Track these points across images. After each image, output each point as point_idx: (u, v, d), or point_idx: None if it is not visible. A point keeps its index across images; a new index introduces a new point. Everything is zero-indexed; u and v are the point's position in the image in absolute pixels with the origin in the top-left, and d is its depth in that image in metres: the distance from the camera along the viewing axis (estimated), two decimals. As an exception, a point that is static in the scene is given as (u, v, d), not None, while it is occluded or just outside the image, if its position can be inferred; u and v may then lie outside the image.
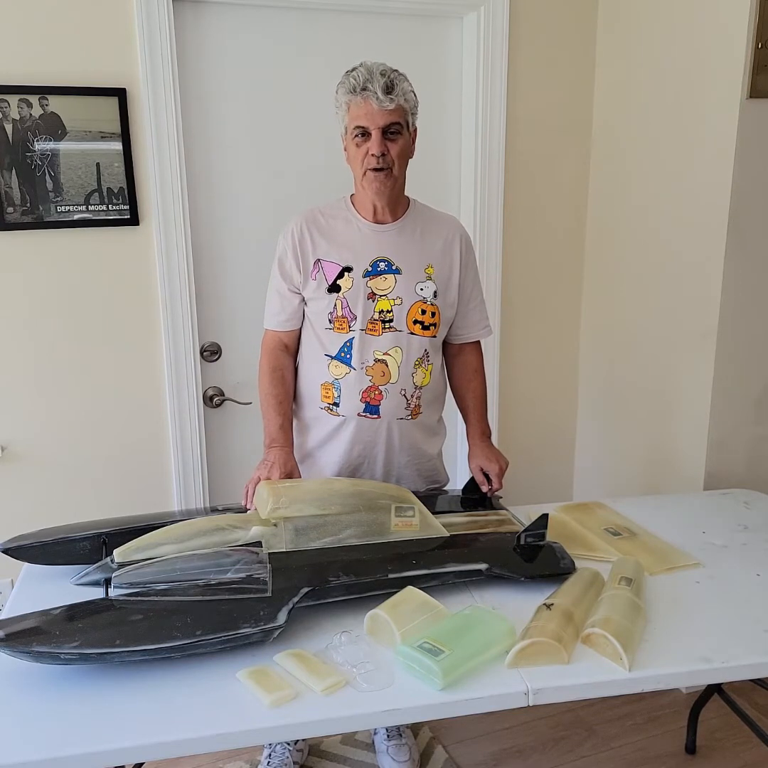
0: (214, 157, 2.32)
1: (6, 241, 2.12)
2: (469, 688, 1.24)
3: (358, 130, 1.65)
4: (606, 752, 2.15)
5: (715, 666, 1.31)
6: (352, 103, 1.65)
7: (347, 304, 1.75)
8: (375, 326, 1.76)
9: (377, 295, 1.75)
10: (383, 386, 1.77)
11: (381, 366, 1.76)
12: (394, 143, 1.66)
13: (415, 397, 1.81)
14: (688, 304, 2.30)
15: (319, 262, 1.77)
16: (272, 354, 1.85)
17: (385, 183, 1.69)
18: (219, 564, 1.44)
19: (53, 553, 1.57)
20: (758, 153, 2.09)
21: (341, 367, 1.78)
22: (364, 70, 1.64)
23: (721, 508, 1.97)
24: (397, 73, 1.66)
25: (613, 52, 2.51)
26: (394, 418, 1.80)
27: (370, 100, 1.62)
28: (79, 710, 1.19)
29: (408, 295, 1.77)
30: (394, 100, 1.62)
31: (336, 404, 1.80)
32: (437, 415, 1.92)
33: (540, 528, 1.61)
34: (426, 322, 1.78)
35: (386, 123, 1.63)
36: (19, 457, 2.26)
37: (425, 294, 1.78)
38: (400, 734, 2.08)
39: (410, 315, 1.77)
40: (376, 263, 1.76)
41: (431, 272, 1.79)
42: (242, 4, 2.24)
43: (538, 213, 2.65)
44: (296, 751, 2.05)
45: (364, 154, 1.67)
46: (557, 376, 2.84)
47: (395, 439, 1.82)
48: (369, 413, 1.79)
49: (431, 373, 1.83)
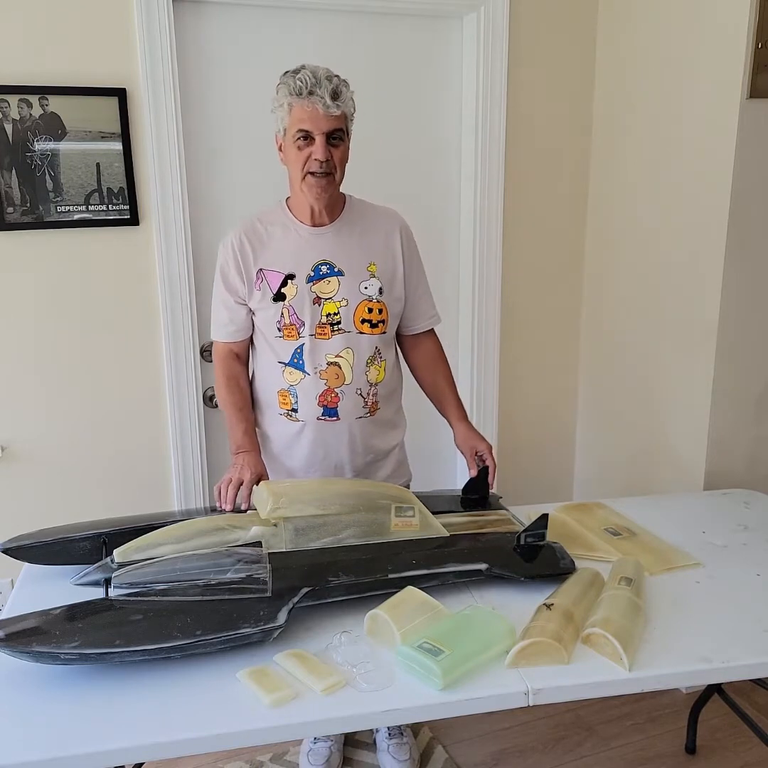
0: (214, 157, 2.32)
1: (6, 241, 2.12)
2: (469, 688, 1.25)
3: (300, 133, 1.62)
4: (606, 752, 2.15)
5: (715, 666, 1.31)
6: (295, 106, 1.62)
7: (294, 312, 1.75)
8: (324, 330, 1.75)
9: (322, 298, 1.75)
10: (338, 388, 1.77)
11: (334, 369, 1.76)
12: (337, 149, 1.65)
13: (371, 395, 1.81)
14: (688, 305, 2.30)
15: (262, 272, 1.76)
16: (224, 363, 1.85)
17: (326, 189, 1.68)
18: (219, 564, 1.44)
19: (53, 553, 1.57)
20: (758, 153, 2.09)
21: (295, 373, 1.78)
22: (310, 73, 1.60)
23: (721, 508, 1.98)
24: (340, 78, 1.64)
25: (613, 52, 2.52)
26: (353, 417, 1.80)
27: (317, 105, 1.59)
28: (79, 710, 1.19)
29: (353, 296, 1.76)
30: (341, 106, 1.61)
31: (294, 410, 1.80)
32: (394, 407, 1.92)
33: (540, 528, 1.61)
34: (374, 320, 1.78)
35: (330, 128, 1.62)
36: (19, 457, 2.27)
37: (370, 292, 1.78)
38: (401, 733, 2.09)
39: (357, 315, 1.77)
40: (318, 267, 1.75)
41: (374, 270, 1.78)
42: (242, 4, 2.24)
43: (538, 213, 2.65)
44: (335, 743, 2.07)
45: (305, 157, 1.64)
46: (557, 375, 2.84)
47: (357, 439, 1.82)
48: (328, 416, 1.78)
49: (385, 369, 1.83)
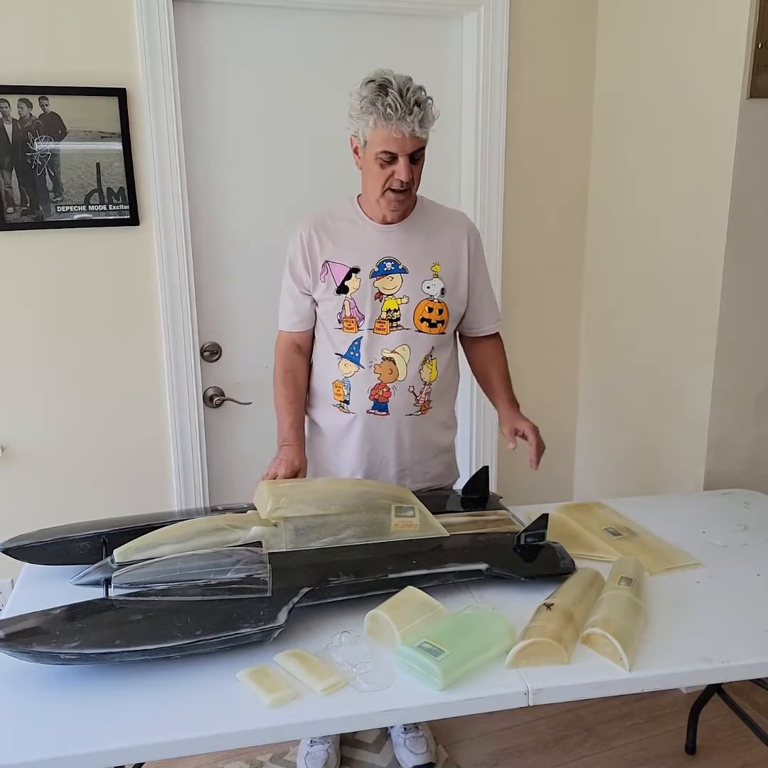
0: (213, 157, 2.32)
1: (6, 241, 2.12)
2: (469, 688, 1.25)
3: (385, 155, 1.63)
4: (606, 752, 2.15)
5: (715, 666, 1.31)
6: (380, 126, 1.60)
7: (355, 305, 1.77)
8: (383, 325, 1.78)
9: (384, 294, 1.77)
10: (391, 383, 1.79)
11: (389, 364, 1.79)
12: (417, 165, 1.68)
13: (424, 393, 1.83)
14: (688, 304, 2.30)
15: (327, 264, 1.79)
16: (285, 355, 1.89)
17: (403, 203, 1.72)
18: (219, 564, 1.44)
19: (53, 553, 1.57)
20: (758, 153, 2.09)
21: (350, 365, 1.80)
22: (399, 97, 1.56)
23: (721, 508, 1.97)
24: (424, 94, 1.61)
25: (613, 52, 2.51)
26: (403, 414, 1.82)
27: (404, 130, 1.59)
28: (79, 710, 1.19)
29: (415, 294, 1.78)
30: (426, 130, 1.62)
31: (347, 402, 1.82)
32: (448, 408, 1.94)
33: (540, 528, 1.60)
34: (433, 320, 1.80)
35: (414, 149, 1.64)
36: (19, 457, 2.26)
37: (432, 292, 1.80)
38: (417, 727, 2.10)
39: (417, 313, 1.79)
40: (382, 263, 1.78)
41: (438, 270, 1.80)
42: (242, 4, 2.24)
43: (538, 213, 2.65)
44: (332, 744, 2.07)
45: (387, 176, 1.66)
46: (557, 376, 2.84)
47: (405, 436, 1.84)
48: (378, 410, 1.81)
49: (437, 368, 1.84)
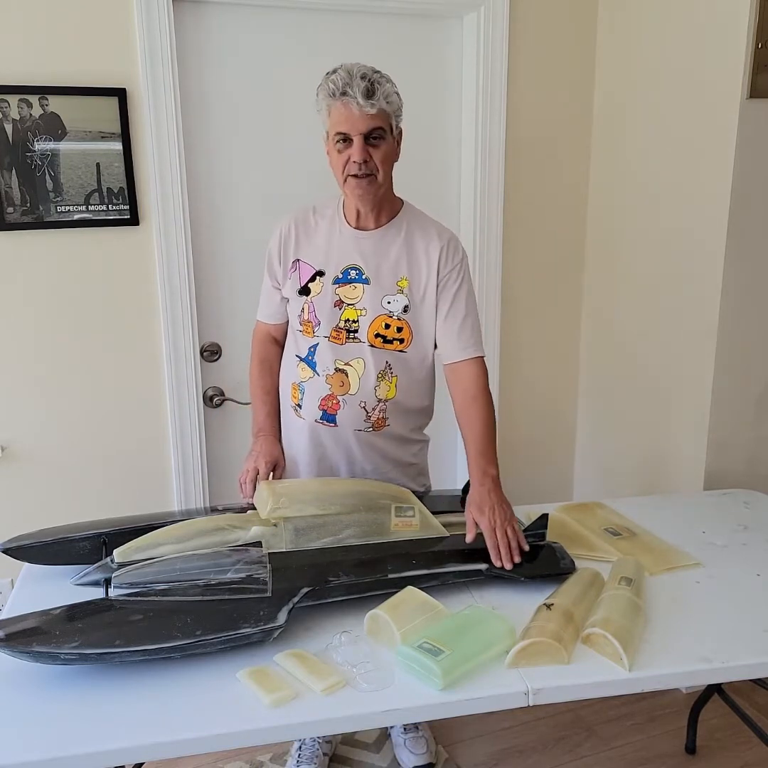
0: (214, 156, 2.32)
1: (6, 241, 2.12)
2: (469, 688, 1.25)
3: (339, 136, 1.57)
4: (606, 752, 2.14)
5: (715, 666, 1.31)
6: (332, 108, 1.57)
7: (314, 309, 1.73)
8: (339, 335, 1.72)
9: (345, 303, 1.72)
10: (341, 396, 1.73)
11: (341, 375, 1.72)
12: (377, 149, 1.59)
13: (377, 410, 1.75)
14: (688, 304, 2.30)
15: (298, 262, 1.75)
16: (261, 345, 1.89)
17: (368, 190, 1.62)
18: (219, 564, 1.44)
19: (53, 553, 1.57)
20: (758, 153, 2.09)
21: (307, 370, 1.77)
22: (343, 72, 1.54)
23: (721, 508, 1.97)
24: (378, 74, 1.57)
25: (613, 52, 2.51)
26: (352, 429, 1.75)
27: (351, 105, 1.53)
28: (79, 710, 1.19)
29: (373, 308, 1.71)
30: (375, 104, 1.54)
31: (299, 406, 1.79)
32: (411, 426, 1.84)
33: (540, 528, 1.61)
34: (389, 336, 1.71)
35: (368, 129, 1.56)
36: (19, 457, 2.26)
37: (392, 308, 1.71)
38: (417, 727, 2.10)
39: (372, 328, 1.71)
40: (347, 271, 1.72)
41: (404, 285, 1.71)
42: (242, 4, 2.24)
43: (538, 213, 2.65)
44: (325, 743, 2.06)
45: (345, 160, 1.59)
46: (557, 376, 2.84)
47: (354, 449, 1.77)
48: (326, 421, 1.76)
49: (396, 386, 1.75)
